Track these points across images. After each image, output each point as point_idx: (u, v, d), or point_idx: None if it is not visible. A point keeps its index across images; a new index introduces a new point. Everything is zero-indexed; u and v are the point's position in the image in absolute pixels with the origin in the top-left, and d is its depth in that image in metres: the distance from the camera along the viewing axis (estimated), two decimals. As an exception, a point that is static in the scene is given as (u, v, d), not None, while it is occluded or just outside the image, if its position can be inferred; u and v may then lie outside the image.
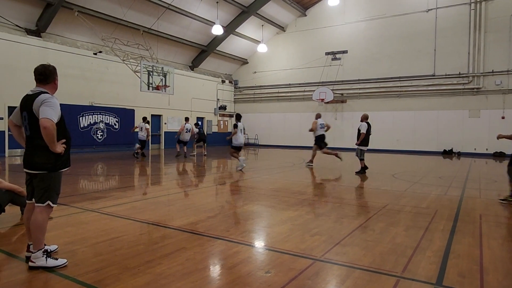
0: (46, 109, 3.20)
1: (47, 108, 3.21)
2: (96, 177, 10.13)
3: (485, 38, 19.45)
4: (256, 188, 8.33)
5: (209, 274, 3.37)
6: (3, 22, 15.18)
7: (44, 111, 3.19)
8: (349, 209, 6.13)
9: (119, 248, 3.90)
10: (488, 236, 4.57)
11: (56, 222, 4.89)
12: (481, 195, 7.65)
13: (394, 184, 8.99)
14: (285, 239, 4.32)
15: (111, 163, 13.87)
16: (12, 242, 4.22)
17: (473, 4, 19.67)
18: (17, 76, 14.97)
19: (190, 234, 4.49)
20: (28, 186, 3.47)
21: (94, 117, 18.45)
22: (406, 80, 21.56)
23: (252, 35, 25.46)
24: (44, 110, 3.19)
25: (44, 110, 3.20)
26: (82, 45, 18.22)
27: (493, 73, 19.27)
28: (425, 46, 20.91)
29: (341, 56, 23.72)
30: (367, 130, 10.66)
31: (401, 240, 4.31)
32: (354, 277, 3.23)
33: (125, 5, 17.76)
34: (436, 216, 5.59)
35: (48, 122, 3.16)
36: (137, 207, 6.06)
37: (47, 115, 3.18)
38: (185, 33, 22.27)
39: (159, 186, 8.86)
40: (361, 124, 10.76)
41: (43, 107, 3.21)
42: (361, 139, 10.61)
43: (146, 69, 17.96)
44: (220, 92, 27.50)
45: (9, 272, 3.31)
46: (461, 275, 3.31)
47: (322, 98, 23.11)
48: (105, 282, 3.06)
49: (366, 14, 22.86)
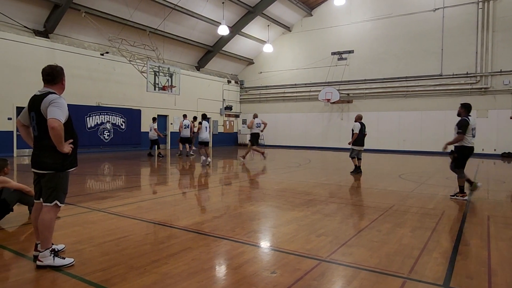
0: (54, 110, 3.23)
1: (55, 108, 3.23)
2: (102, 177, 10.20)
3: (493, 38, 19.25)
4: (261, 188, 8.33)
5: (215, 274, 3.37)
6: (12, 23, 15.35)
7: (52, 111, 3.22)
8: (355, 209, 6.10)
9: (125, 248, 3.92)
10: (496, 237, 4.52)
11: (63, 222, 4.93)
12: (489, 196, 7.58)
13: (400, 185, 8.94)
14: (291, 240, 4.31)
15: (117, 163, 13.95)
16: (20, 241, 4.27)
17: (480, 3, 19.48)
18: (25, 76, 15.12)
19: (196, 234, 4.50)
20: (36, 185, 3.50)
21: (101, 118, 18.58)
22: (413, 80, 21.41)
23: (258, 35, 25.46)
24: (52, 111, 3.22)
25: (52, 110, 3.22)
26: (89, 45, 18.36)
27: (501, 73, 19.07)
28: (432, 46, 20.75)
29: (347, 56, 23.63)
30: (360, 130, 10.69)
31: (408, 241, 4.28)
32: (360, 278, 3.22)
33: (131, 6, 17.86)
34: (443, 217, 5.55)
35: (56, 122, 3.18)
36: (143, 207, 6.09)
37: (55, 116, 3.20)
38: (191, 34, 22.34)
39: (165, 186, 8.89)
40: (354, 124, 10.84)
41: (50, 107, 3.23)
42: (353, 139, 10.63)
43: (152, 69, 18.05)
44: (226, 92, 27.54)
45: (17, 271, 3.34)
46: (469, 277, 3.28)
47: (328, 98, 23.05)
48: (111, 281, 3.08)
49: (372, 14, 22.75)
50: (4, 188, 4.81)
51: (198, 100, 24.75)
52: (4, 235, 4.44)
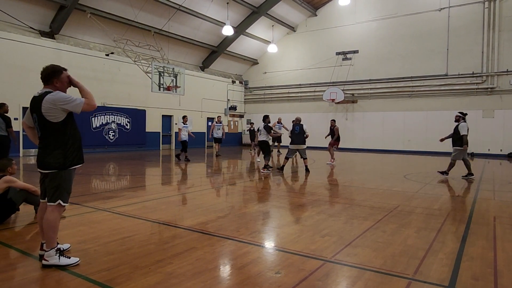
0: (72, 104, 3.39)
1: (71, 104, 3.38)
2: (108, 177, 10.24)
3: (499, 37, 19.09)
4: (266, 189, 8.32)
5: (219, 274, 3.37)
6: (18, 24, 15.47)
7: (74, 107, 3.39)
8: (359, 210, 6.08)
9: (130, 248, 3.94)
10: (502, 238, 4.48)
11: (68, 221, 4.96)
12: (495, 196, 7.52)
13: (405, 185, 8.89)
14: (295, 240, 4.31)
15: (122, 163, 14.01)
16: (26, 240, 4.30)
17: (486, 3, 19.33)
18: (31, 77, 15.21)
19: (200, 234, 4.50)
20: (42, 185, 3.53)
21: (106, 118, 18.67)
22: (418, 80, 21.29)
23: (262, 36, 25.45)
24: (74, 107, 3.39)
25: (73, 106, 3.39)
26: (94, 46, 18.46)
27: (508, 73, 18.91)
28: (438, 46, 20.63)
29: (352, 56, 23.55)
30: (292, 130, 11.54)
31: (413, 242, 4.26)
32: (365, 279, 3.21)
33: (136, 6, 17.94)
34: (449, 218, 5.51)
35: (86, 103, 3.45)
36: (148, 206, 6.11)
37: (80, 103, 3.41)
38: (196, 34, 22.39)
39: (170, 186, 8.91)
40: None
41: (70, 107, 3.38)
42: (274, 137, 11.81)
43: (157, 70, 18.10)
44: (231, 92, 27.56)
45: (23, 270, 3.37)
46: (475, 278, 3.25)
47: (333, 98, 22.98)
48: (116, 281, 3.09)
49: (377, 14, 22.66)
50: (10, 188, 4.85)
51: (202, 100, 24.80)
52: (10, 234, 4.48)
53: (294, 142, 11.35)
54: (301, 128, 11.40)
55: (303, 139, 11.32)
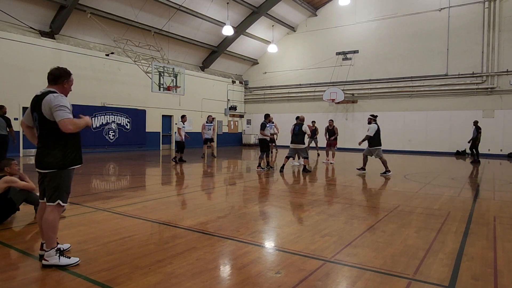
0: (59, 113, 3.26)
1: (58, 112, 3.26)
2: (108, 177, 10.24)
3: (499, 37, 19.09)
4: (265, 189, 8.32)
5: (219, 274, 3.37)
6: (18, 24, 15.47)
7: (58, 115, 3.26)
8: (359, 210, 6.08)
9: (130, 248, 3.94)
10: (502, 238, 4.48)
11: (68, 221, 4.96)
12: (495, 196, 7.52)
13: (405, 185, 8.89)
14: (295, 240, 4.31)
15: (122, 163, 14.01)
16: (26, 240, 4.30)
17: (486, 3, 19.32)
18: (31, 77, 15.23)
19: (200, 234, 4.51)
20: (41, 185, 3.52)
21: (106, 118, 18.67)
22: (418, 80, 21.29)
23: (262, 36, 25.45)
24: (57, 115, 3.26)
25: (57, 115, 3.26)
26: (94, 46, 18.45)
27: (508, 73, 18.91)
28: (438, 46, 20.63)
29: (352, 56, 23.55)
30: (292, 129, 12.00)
31: (413, 242, 4.26)
32: (365, 279, 3.21)
33: (136, 6, 17.94)
34: (449, 218, 5.51)
35: (65, 122, 3.24)
36: (148, 206, 6.11)
37: (62, 117, 3.25)
38: (196, 34, 22.38)
39: (170, 186, 8.91)
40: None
41: (55, 113, 3.27)
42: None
43: (157, 70, 18.10)
44: (231, 92, 27.56)
45: (23, 270, 3.37)
46: (475, 278, 3.25)
47: (333, 98, 22.98)
48: (116, 281, 3.10)
49: (377, 14, 22.66)
50: (10, 188, 4.85)
51: (202, 100, 24.80)
52: (10, 234, 4.48)
53: (293, 142, 11.38)
54: (300, 128, 11.38)
55: (302, 139, 11.28)
